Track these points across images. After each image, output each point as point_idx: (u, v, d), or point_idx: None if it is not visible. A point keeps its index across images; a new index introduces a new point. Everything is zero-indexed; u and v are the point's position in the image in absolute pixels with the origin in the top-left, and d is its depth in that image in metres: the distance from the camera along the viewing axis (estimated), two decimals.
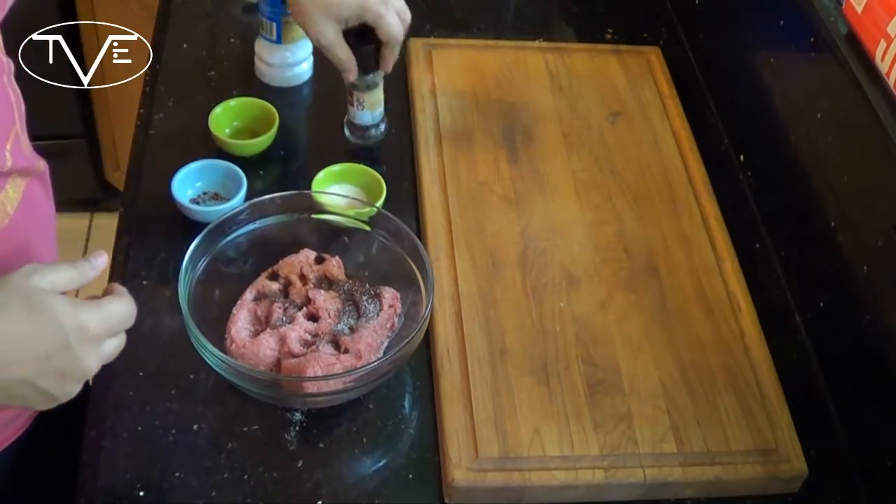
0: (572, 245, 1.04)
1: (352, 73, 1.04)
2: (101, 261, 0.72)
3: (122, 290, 0.73)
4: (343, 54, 1.02)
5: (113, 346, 0.71)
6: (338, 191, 1.04)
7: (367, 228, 0.96)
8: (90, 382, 0.97)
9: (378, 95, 1.10)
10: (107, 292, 0.72)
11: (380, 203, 1.02)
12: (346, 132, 1.13)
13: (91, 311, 0.68)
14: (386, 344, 0.91)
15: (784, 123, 1.10)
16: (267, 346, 0.87)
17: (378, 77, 1.07)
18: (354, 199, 1.01)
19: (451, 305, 0.96)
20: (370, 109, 1.10)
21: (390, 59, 1.04)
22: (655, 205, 1.10)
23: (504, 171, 1.11)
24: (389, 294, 0.93)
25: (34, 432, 0.88)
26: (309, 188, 1.03)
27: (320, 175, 1.05)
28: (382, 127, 1.13)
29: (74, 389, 0.69)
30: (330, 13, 0.98)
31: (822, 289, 1.00)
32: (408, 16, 1.03)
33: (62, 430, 0.92)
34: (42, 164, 0.84)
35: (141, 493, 0.81)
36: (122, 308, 0.71)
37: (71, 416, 0.94)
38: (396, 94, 1.20)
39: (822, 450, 0.91)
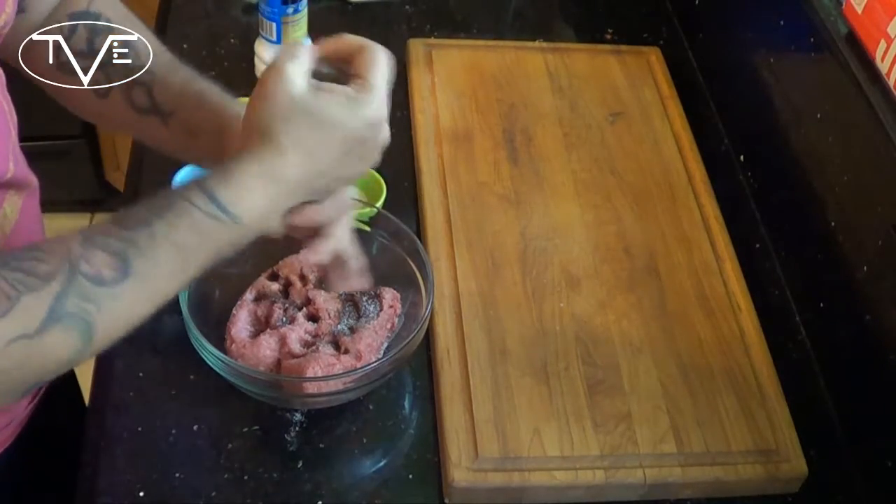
0: (572, 245, 1.04)
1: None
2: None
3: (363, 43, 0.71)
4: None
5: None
6: None
7: (367, 228, 0.95)
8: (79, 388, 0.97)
9: None
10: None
11: (380, 203, 1.02)
12: None
13: (342, 104, 0.68)
14: (386, 344, 0.91)
15: (784, 123, 1.10)
16: (267, 346, 0.87)
17: None
18: (354, 199, 1.00)
19: (451, 305, 0.96)
20: None
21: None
22: (655, 205, 1.10)
23: (504, 171, 1.11)
24: (389, 294, 0.93)
25: (27, 437, 0.88)
26: None
27: None
28: None
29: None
30: None
31: (822, 289, 1.00)
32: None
33: (57, 434, 0.92)
34: (35, 180, 0.84)
35: (141, 494, 0.81)
36: (373, 80, 0.69)
37: (66, 420, 0.94)
38: (397, 94, 1.20)
39: (822, 450, 0.91)
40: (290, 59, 0.68)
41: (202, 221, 0.64)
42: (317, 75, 0.70)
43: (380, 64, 0.70)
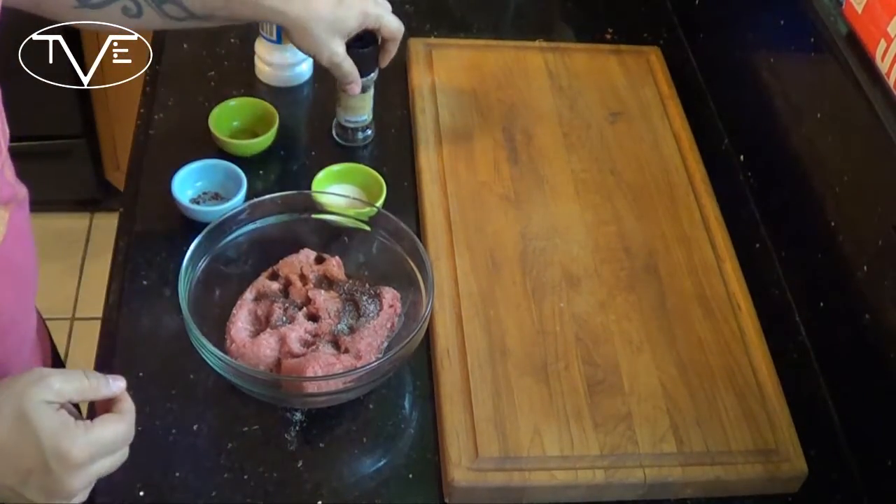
0: (572, 245, 1.04)
1: (358, 84, 1.05)
2: (118, 385, 0.69)
3: (125, 406, 0.69)
4: (351, 66, 1.02)
5: (106, 466, 0.68)
6: (338, 191, 1.04)
7: (367, 228, 0.96)
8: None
9: (370, 97, 1.11)
10: (111, 405, 0.69)
11: (380, 203, 1.02)
12: (335, 134, 1.14)
13: (76, 438, 0.64)
14: (386, 344, 0.91)
15: (784, 123, 1.10)
16: (267, 346, 0.87)
17: (370, 80, 1.09)
18: (354, 199, 1.01)
19: (451, 305, 0.96)
20: (362, 113, 1.11)
21: (390, 54, 1.07)
22: (655, 205, 1.10)
23: (504, 171, 1.11)
24: (389, 294, 0.93)
25: None
26: (309, 188, 1.03)
27: (320, 175, 1.05)
28: (369, 131, 1.15)
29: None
30: (336, 30, 0.98)
31: (822, 289, 1.00)
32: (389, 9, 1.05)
33: None
34: (23, 191, 0.83)
35: (141, 493, 0.81)
36: (114, 432, 0.67)
37: None
38: (396, 94, 1.20)
39: (822, 450, 0.91)
40: (62, 378, 0.66)
41: None
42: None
43: (119, 428, 0.68)
